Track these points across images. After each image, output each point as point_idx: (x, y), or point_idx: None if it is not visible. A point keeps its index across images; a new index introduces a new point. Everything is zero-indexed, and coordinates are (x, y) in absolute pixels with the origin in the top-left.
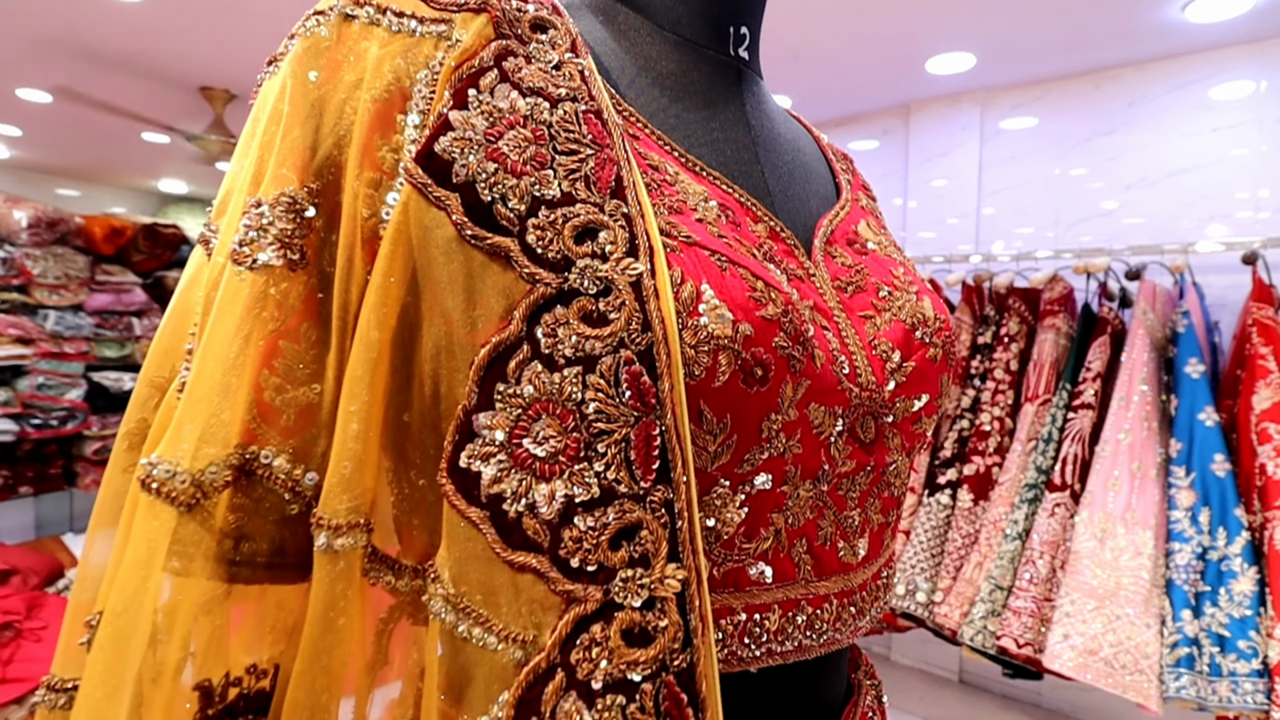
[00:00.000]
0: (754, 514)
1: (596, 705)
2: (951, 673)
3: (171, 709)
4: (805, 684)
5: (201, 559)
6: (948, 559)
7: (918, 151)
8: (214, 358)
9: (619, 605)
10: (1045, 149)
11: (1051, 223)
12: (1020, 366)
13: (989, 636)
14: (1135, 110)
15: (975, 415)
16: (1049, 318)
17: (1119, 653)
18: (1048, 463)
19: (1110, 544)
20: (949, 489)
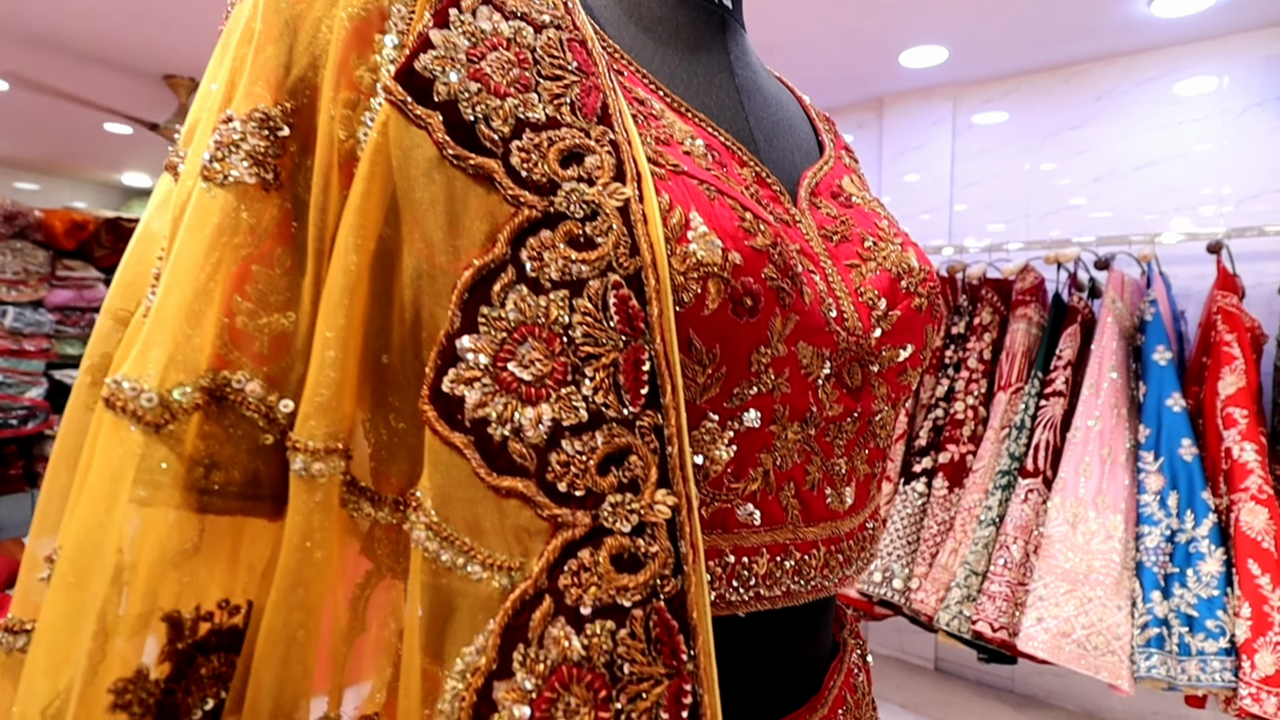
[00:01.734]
0: (742, 453)
1: (585, 630)
2: (927, 661)
3: (136, 640)
4: (792, 634)
5: (169, 487)
6: (924, 546)
7: (891, 145)
8: (182, 279)
9: (608, 530)
10: (1016, 142)
11: (1022, 215)
12: (993, 356)
13: (964, 621)
14: (1103, 104)
15: (950, 404)
16: (1021, 308)
17: (1091, 634)
18: (1020, 450)
19: (1082, 528)
20: (924, 477)
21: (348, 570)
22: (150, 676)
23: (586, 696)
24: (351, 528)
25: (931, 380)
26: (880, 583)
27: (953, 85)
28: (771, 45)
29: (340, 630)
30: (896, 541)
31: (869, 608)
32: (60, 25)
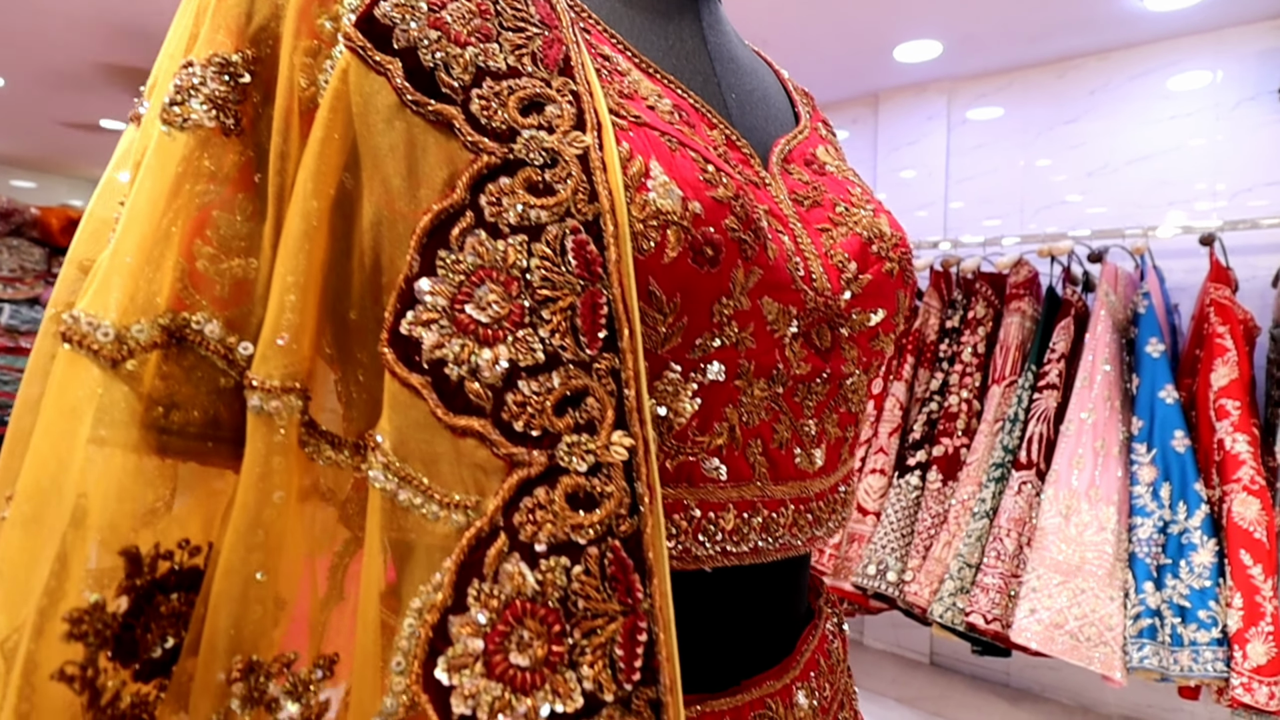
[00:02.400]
0: (707, 406)
1: (540, 566)
2: (922, 655)
3: (93, 574)
4: (763, 593)
5: (128, 425)
6: (917, 539)
7: (886, 140)
8: (141, 220)
9: (564, 470)
10: (1010, 137)
11: (1017, 209)
12: (987, 349)
13: (958, 613)
14: (1097, 99)
15: (944, 398)
16: (1015, 301)
17: (1084, 625)
18: (1014, 442)
19: (1075, 520)
20: (918, 470)
21: (326, 539)
22: (107, 609)
23: (540, 630)
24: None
25: (926, 374)
26: (874, 575)
27: (947, 80)
28: (765, 40)
29: (319, 599)
30: (890, 534)
31: (864, 601)
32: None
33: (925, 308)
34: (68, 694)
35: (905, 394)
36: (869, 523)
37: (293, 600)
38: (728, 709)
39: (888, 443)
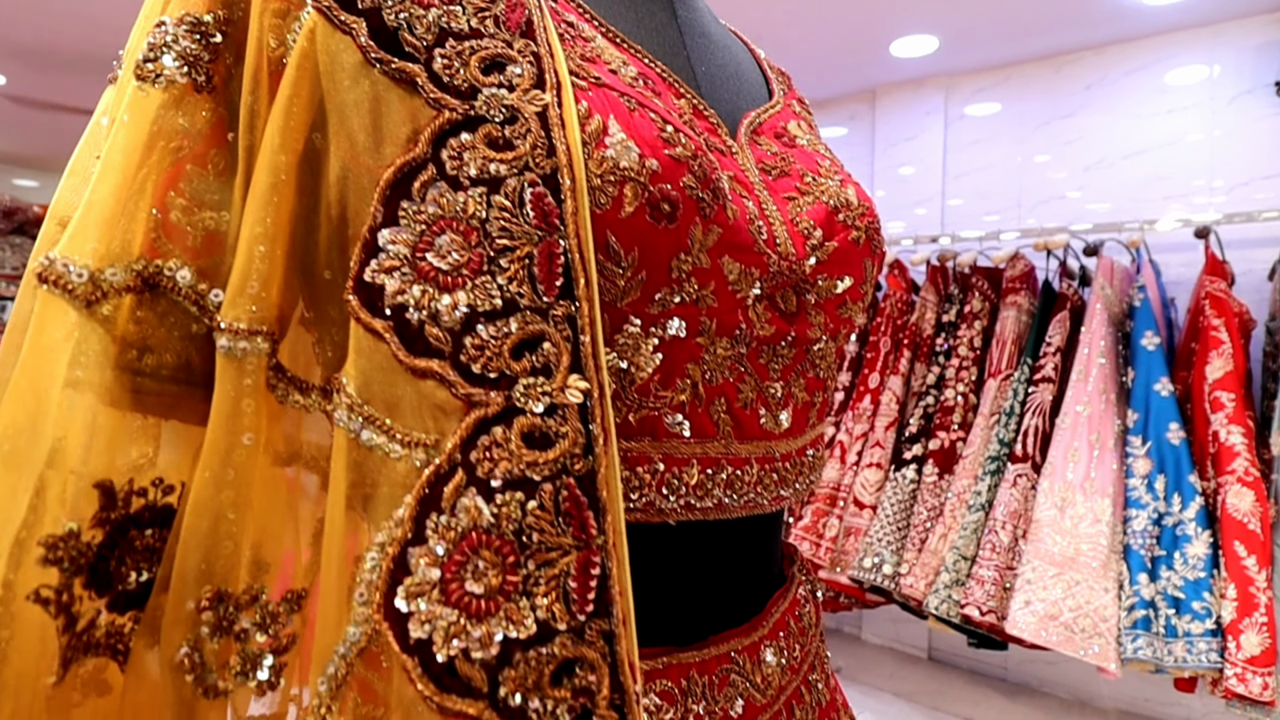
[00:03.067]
0: (669, 362)
1: (495, 500)
2: (920, 650)
3: (68, 504)
4: (730, 551)
5: (101, 366)
6: (913, 532)
7: (884, 136)
8: (115, 171)
9: (520, 410)
10: (1007, 132)
11: (1014, 204)
12: (984, 343)
13: (953, 605)
14: (1093, 93)
15: (940, 391)
16: (1011, 295)
17: (1078, 617)
18: (1010, 435)
19: (1070, 512)
20: (914, 464)
21: (310, 505)
22: (82, 538)
23: (495, 561)
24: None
25: (923, 368)
26: (870, 569)
27: (944, 76)
28: (760, 35)
29: (302, 566)
30: (886, 528)
31: (860, 594)
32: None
33: (922, 302)
34: (43, 617)
35: (902, 388)
36: (865, 516)
37: (276, 564)
38: (694, 662)
39: (884, 436)
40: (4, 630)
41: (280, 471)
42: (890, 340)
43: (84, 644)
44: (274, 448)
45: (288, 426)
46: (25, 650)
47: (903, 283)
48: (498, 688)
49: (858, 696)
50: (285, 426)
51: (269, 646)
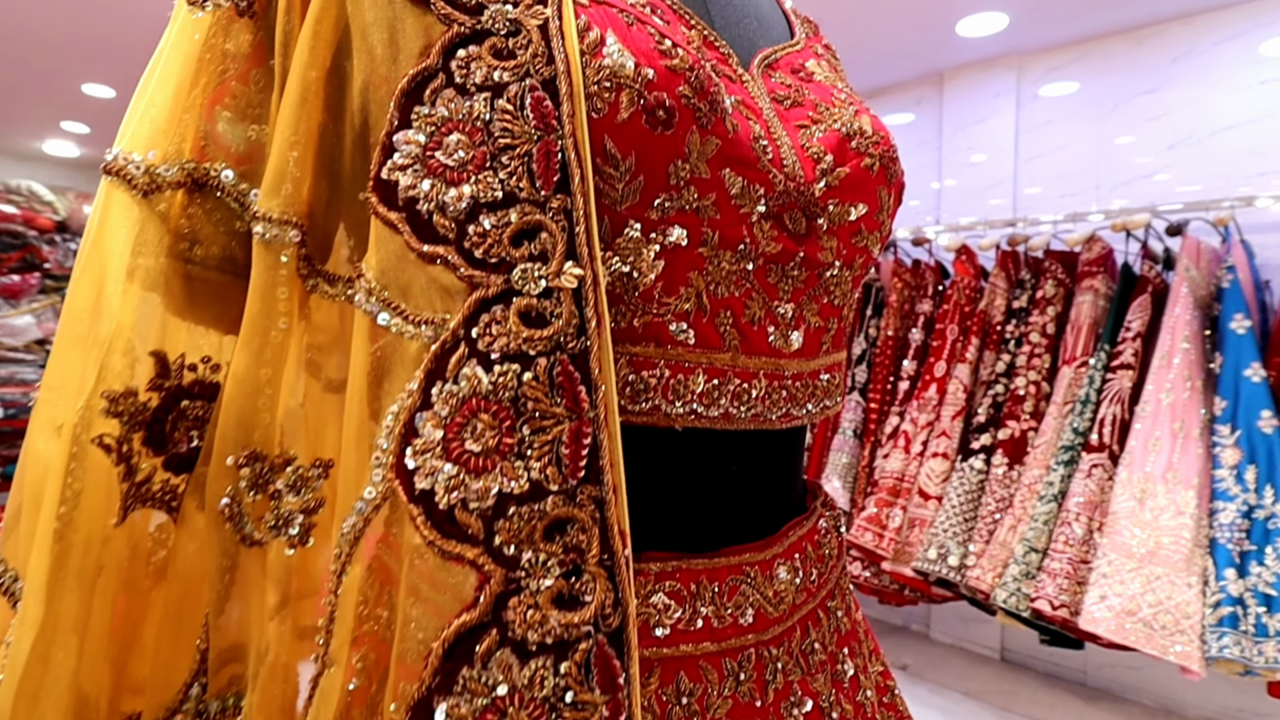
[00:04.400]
0: (671, 269)
1: (494, 370)
2: (993, 650)
3: (128, 367)
4: (743, 466)
5: (158, 254)
6: (981, 523)
7: (952, 120)
8: (167, 84)
9: (518, 292)
10: (1084, 111)
11: (1092, 186)
12: (1057, 330)
13: (1023, 599)
14: (1179, 67)
15: (1010, 380)
16: (1087, 279)
17: (1158, 613)
18: (1085, 424)
19: (1150, 504)
20: (982, 454)
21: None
22: (139, 397)
23: (492, 424)
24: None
25: (991, 356)
26: (935, 560)
27: (1015, 55)
28: (821, 20)
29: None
30: (952, 518)
31: (925, 588)
32: None
33: (991, 288)
34: (106, 462)
35: (969, 377)
36: (930, 507)
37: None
38: (704, 569)
39: (950, 426)
40: (76, 468)
41: (311, 356)
42: (957, 328)
43: (142, 495)
44: (305, 334)
45: (317, 316)
46: (93, 488)
47: (971, 269)
48: (493, 536)
49: (924, 694)
50: (315, 316)
51: (299, 507)
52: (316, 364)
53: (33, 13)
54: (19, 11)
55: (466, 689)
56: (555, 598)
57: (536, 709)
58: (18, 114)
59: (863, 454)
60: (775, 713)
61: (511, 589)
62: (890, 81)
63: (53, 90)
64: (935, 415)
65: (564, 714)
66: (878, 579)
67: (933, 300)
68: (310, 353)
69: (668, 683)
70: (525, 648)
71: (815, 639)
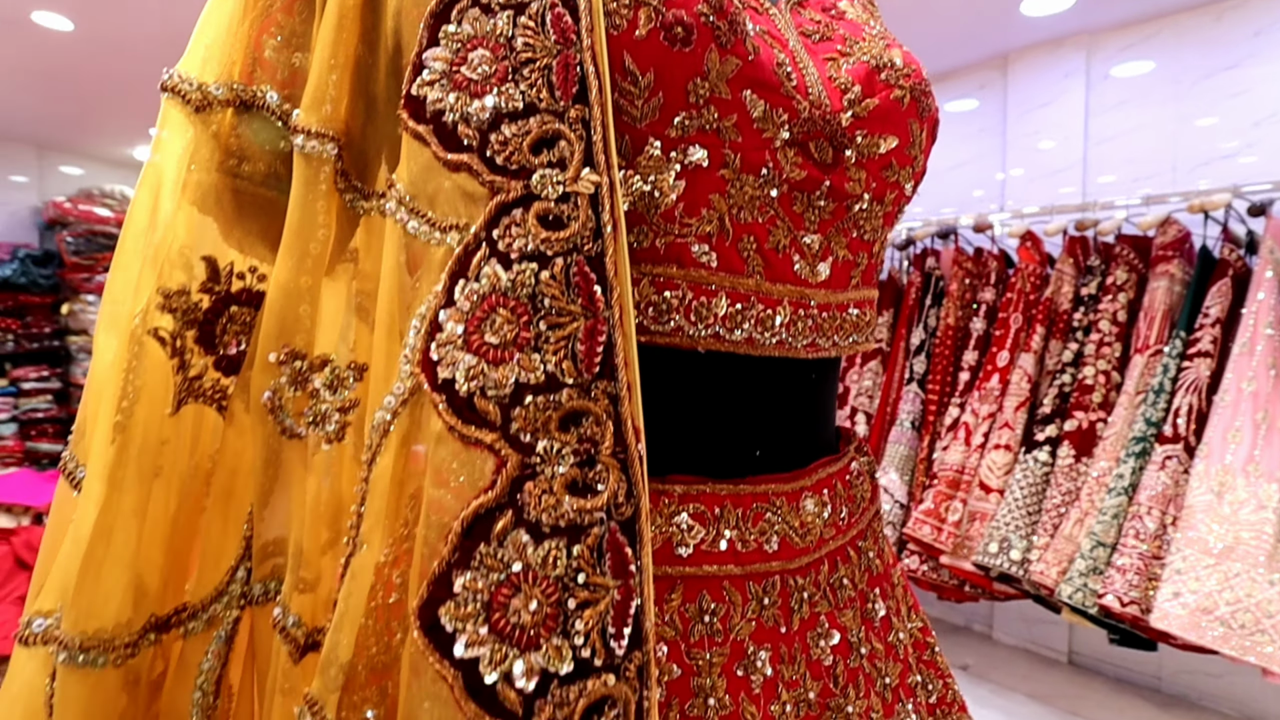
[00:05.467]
0: (692, 190)
1: (513, 269)
2: (1060, 653)
3: (183, 268)
4: (767, 394)
5: (209, 169)
6: (1045, 516)
7: (1017, 104)
8: (219, 16)
9: (536, 196)
10: (1159, 90)
11: (1168, 168)
12: (1129, 317)
13: (1089, 594)
14: (1262, 40)
15: (1078, 369)
16: (1161, 264)
17: (1237, 611)
18: (1158, 415)
19: (1229, 498)
20: (1048, 446)
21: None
22: (191, 297)
23: (510, 318)
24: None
25: (1058, 345)
26: (996, 553)
27: (1085, 34)
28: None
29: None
30: (1015, 512)
31: (986, 583)
32: None
33: (1058, 275)
34: (162, 355)
35: (1034, 366)
36: (992, 500)
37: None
38: (728, 494)
39: (1013, 417)
40: (135, 361)
41: (347, 266)
42: (1022, 316)
43: (194, 390)
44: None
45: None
46: (150, 378)
47: (1036, 256)
48: (510, 423)
49: (985, 695)
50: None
51: (336, 406)
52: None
53: (122, 21)
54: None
55: (483, 564)
56: (569, 484)
57: (550, 587)
58: (109, 122)
59: (921, 446)
60: (801, 641)
61: (527, 474)
62: (951, 66)
63: (142, 98)
64: (998, 406)
65: (576, 594)
66: (936, 574)
67: (995, 289)
68: (346, 264)
69: (690, 600)
70: (539, 529)
71: (844, 574)
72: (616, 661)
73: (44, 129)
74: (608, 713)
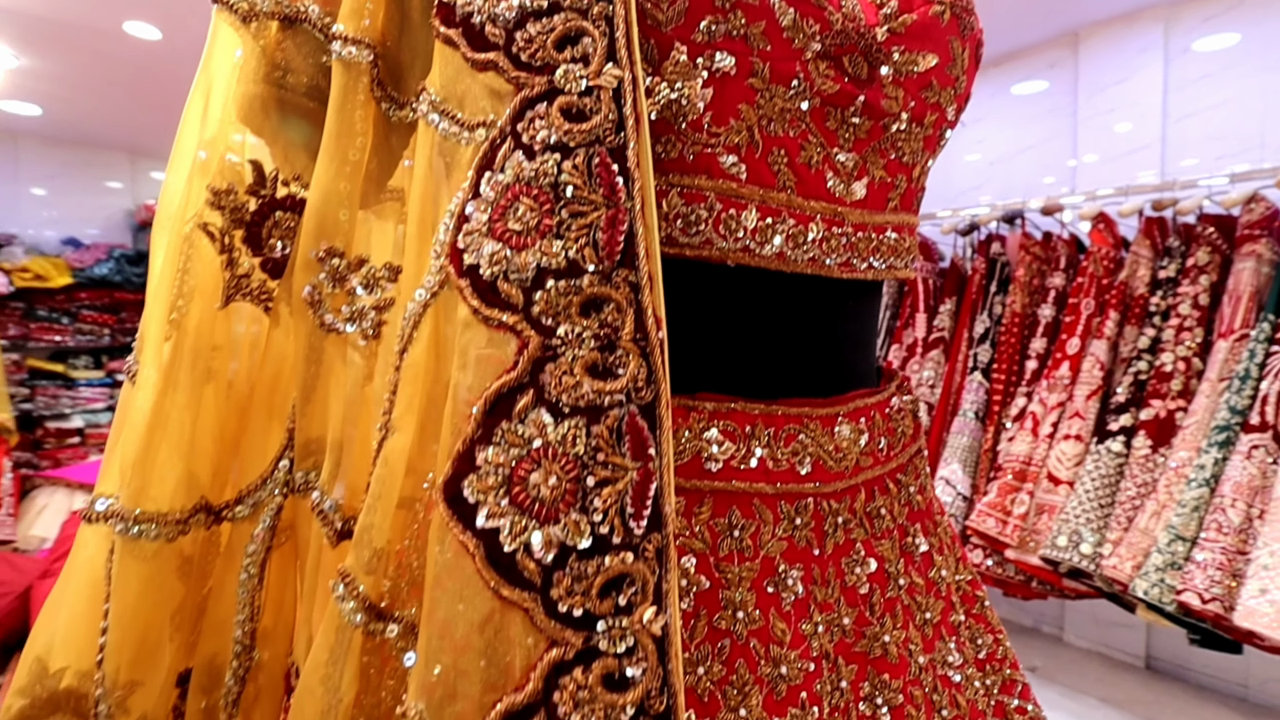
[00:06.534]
0: (720, 98)
1: (536, 159)
2: (1136, 658)
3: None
4: (800, 315)
5: (256, 79)
6: (1119, 509)
7: (1089, 82)
8: None
9: (560, 91)
10: (1245, 62)
11: (1256, 145)
12: (1211, 301)
13: (1167, 591)
14: None
15: (1155, 356)
16: (1248, 244)
17: None
18: (1244, 403)
19: None
20: (1122, 435)
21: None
22: (239, 196)
23: (533, 206)
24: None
25: (1133, 331)
26: (1066, 547)
27: (1163, 6)
28: None
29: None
30: (1086, 505)
31: (1055, 579)
32: None
33: (1133, 258)
34: (211, 250)
35: (1107, 353)
36: (1061, 493)
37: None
38: (760, 414)
39: (1084, 406)
40: (188, 256)
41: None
42: (1094, 301)
43: (242, 287)
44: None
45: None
46: (201, 271)
47: (1109, 238)
48: (532, 305)
49: (1055, 697)
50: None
51: (371, 304)
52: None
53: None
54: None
55: (505, 440)
56: (589, 367)
57: (569, 464)
58: None
59: (985, 437)
60: (836, 566)
61: (548, 355)
62: (1019, 46)
63: None
64: (1067, 395)
65: (595, 472)
66: (1001, 568)
67: (1065, 274)
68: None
69: (719, 515)
70: (559, 408)
71: (882, 505)
72: (635, 541)
73: (136, 136)
74: (625, 590)
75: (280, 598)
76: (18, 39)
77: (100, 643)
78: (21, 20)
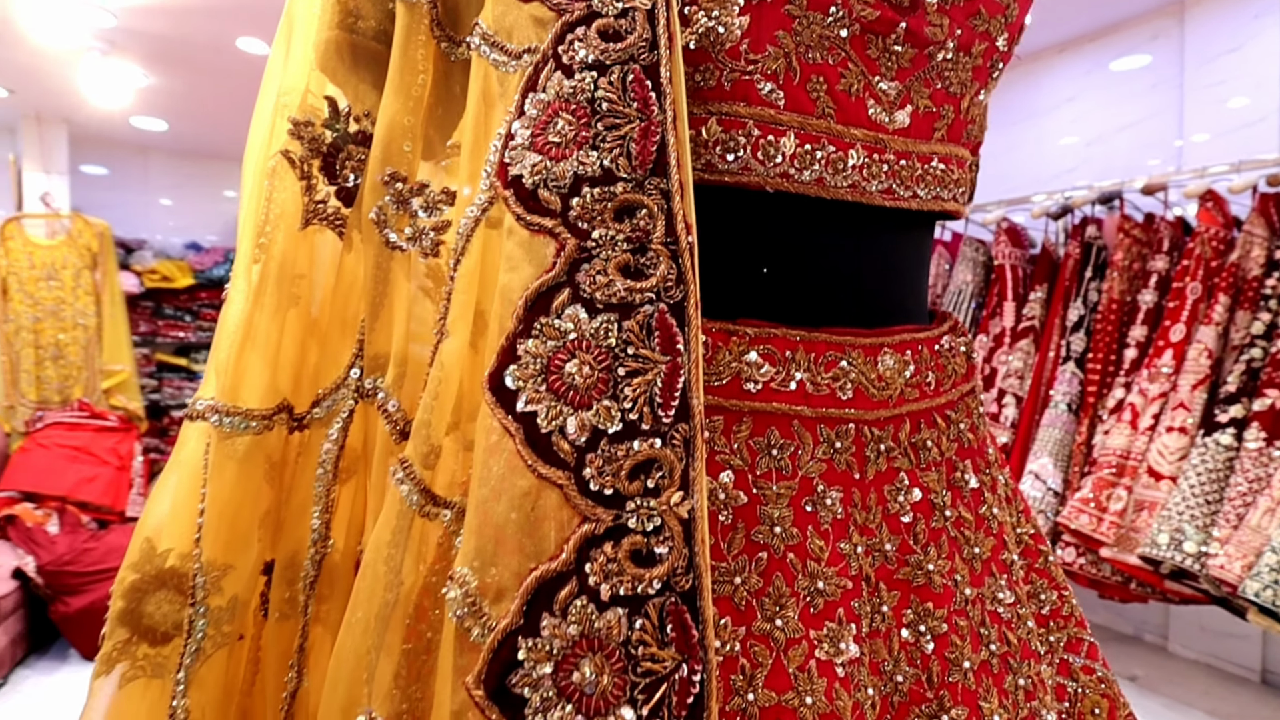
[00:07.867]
0: (757, 25)
1: (574, 77)
2: (1251, 671)
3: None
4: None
5: (332, 25)
6: (1228, 505)
7: (1196, 53)
8: None
9: (599, 14)
10: None
11: None
12: None
13: None
14: None
15: (1270, 343)
16: None
17: None
18: None
19: None
20: (1232, 428)
21: None
22: (315, 128)
23: (571, 120)
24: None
25: (1246, 316)
26: (1167, 545)
27: None
28: None
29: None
30: (1190, 501)
31: (1155, 580)
32: None
33: (1246, 238)
34: (292, 175)
35: (1216, 341)
36: (1163, 488)
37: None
38: (801, 340)
39: (1190, 397)
40: (271, 179)
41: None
42: (1201, 285)
43: (319, 212)
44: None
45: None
46: (282, 194)
47: (1219, 218)
48: (569, 210)
49: (1158, 708)
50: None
51: (430, 225)
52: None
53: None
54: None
55: (543, 333)
56: (622, 267)
57: (602, 355)
58: None
59: (1079, 430)
60: (878, 492)
61: (584, 256)
62: (1120, 17)
63: None
64: (1171, 385)
65: (626, 363)
66: (1096, 568)
67: (1169, 256)
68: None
69: (758, 434)
70: (593, 305)
71: (929, 437)
72: (663, 429)
73: None
74: (654, 473)
75: (352, 495)
76: (145, 58)
77: (198, 523)
78: (147, 39)
